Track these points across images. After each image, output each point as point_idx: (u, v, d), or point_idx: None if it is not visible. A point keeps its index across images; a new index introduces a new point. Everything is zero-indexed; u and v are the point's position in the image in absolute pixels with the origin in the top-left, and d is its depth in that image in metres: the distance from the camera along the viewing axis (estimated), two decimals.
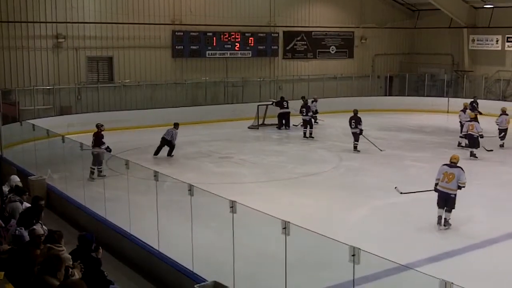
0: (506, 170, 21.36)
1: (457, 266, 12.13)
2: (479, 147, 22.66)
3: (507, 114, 24.85)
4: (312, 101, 30.53)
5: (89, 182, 15.90)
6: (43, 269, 7.15)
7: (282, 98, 30.84)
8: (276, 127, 30.26)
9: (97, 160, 19.37)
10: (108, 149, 19.74)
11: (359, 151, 23.94)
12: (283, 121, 30.26)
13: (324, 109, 33.75)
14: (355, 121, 23.99)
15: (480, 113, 27.01)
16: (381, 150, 23.71)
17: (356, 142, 24.09)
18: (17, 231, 9.82)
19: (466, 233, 14.58)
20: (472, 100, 29.71)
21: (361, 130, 23.98)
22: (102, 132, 20.01)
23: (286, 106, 30.07)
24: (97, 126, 20.19)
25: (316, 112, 30.46)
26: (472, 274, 11.62)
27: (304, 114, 27.64)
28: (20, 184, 13.07)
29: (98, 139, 19.78)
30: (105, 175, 19.15)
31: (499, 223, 15.20)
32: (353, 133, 24.15)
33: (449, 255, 12.73)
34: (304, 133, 27.65)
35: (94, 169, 19.18)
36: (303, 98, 30.57)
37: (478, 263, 12.62)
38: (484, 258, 12.95)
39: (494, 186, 18.95)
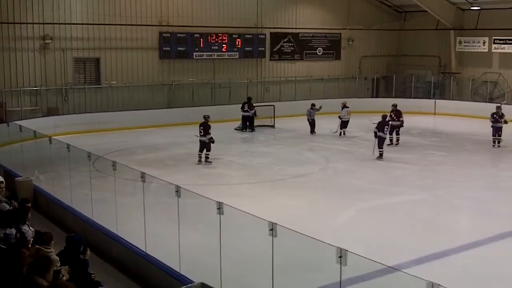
0: (493, 172, 21.48)
1: (444, 267, 12.19)
2: None
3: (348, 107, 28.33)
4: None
5: (76, 184, 15.83)
6: (32, 270, 7.15)
7: (249, 99, 30.58)
8: (240, 129, 30.04)
9: (205, 147, 21.97)
10: (212, 140, 21.98)
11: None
12: (247, 123, 30.03)
13: None
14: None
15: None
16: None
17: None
18: (7, 231, 9.78)
19: (453, 235, 14.66)
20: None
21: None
22: (209, 123, 22.30)
23: (246, 109, 29.83)
24: (205, 117, 22.54)
25: None
26: (459, 275, 11.70)
27: (396, 120, 26.07)
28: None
29: (206, 129, 22.02)
30: (211, 162, 22.03)
31: (486, 225, 15.30)
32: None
33: (436, 256, 12.77)
34: (391, 140, 26.04)
35: (201, 155, 22.04)
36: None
37: (465, 264, 12.69)
38: (471, 259, 13.02)
39: (481, 188, 19.05)
